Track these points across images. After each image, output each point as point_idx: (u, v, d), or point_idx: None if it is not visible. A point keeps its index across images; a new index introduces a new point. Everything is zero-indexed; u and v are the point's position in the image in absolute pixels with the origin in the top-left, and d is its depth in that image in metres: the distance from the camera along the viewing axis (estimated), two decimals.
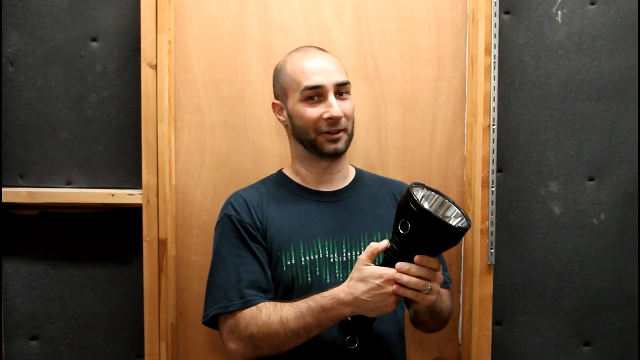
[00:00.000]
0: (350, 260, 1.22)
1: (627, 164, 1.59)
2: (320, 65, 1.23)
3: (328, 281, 1.20)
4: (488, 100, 1.51)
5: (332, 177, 1.28)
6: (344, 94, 1.23)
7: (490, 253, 1.53)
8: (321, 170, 1.27)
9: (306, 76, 1.21)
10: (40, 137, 1.51)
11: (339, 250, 1.22)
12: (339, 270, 1.21)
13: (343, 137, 1.23)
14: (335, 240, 1.22)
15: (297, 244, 1.20)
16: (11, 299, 1.53)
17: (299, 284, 1.19)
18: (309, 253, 1.20)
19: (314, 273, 1.20)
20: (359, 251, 1.22)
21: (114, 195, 1.48)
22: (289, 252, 1.20)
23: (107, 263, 1.54)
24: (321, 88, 1.20)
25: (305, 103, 1.21)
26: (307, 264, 1.20)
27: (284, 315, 1.11)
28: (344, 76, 1.24)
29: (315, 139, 1.22)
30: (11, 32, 1.50)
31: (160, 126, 1.46)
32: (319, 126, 1.21)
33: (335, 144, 1.22)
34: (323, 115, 1.20)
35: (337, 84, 1.21)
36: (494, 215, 1.53)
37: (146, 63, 1.46)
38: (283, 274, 1.19)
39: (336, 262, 1.21)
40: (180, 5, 1.50)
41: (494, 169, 1.52)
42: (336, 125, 1.21)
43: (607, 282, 1.60)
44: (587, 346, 1.61)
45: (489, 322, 1.53)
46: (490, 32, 1.50)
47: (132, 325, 1.53)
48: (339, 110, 1.20)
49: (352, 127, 1.26)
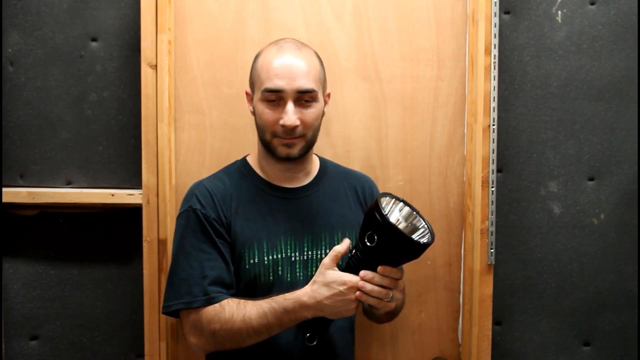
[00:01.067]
0: (311, 259, 1.24)
1: (627, 164, 1.59)
2: (286, 67, 1.18)
3: (289, 279, 1.22)
4: (488, 100, 1.51)
5: (295, 176, 1.29)
6: (309, 101, 1.19)
7: (490, 253, 1.53)
8: (283, 169, 1.27)
9: (269, 77, 1.18)
10: (40, 137, 1.51)
11: (301, 249, 1.24)
12: (299, 269, 1.23)
13: (299, 143, 1.21)
14: (297, 239, 1.24)
15: (261, 243, 1.22)
16: (11, 299, 1.53)
17: (261, 283, 1.21)
18: (272, 252, 1.22)
19: (276, 272, 1.22)
20: (320, 250, 1.25)
21: (114, 195, 1.48)
22: (253, 251, 1.21)
23: (107, 263, 1.54)
24: (281, 92, 1.18)
25: (265, 104, 1.20)
26: (269, 264, 1.21)
27: (247, 314, 1.14)
28: (309, 83, 1.18)
29: (270, 142, 1.21)
30: (11, 32, 1.50)
31: (160, 126, 1.46)
32: (275, 130, 1.20)
33: (288, 149, 1.21)
34: (279, 121, 1.18)
35: (298, 91, 1.18)
36: (494, 215, 1.53)
37: (146, 63, 1.46)
38: (245, 271, 1.21)
39: (297, 260, 1.23)
40: (180, 5, 1.50)
41: (494, 169, 1.52)
42: (291, 134, 1.19)
43: (607, 282, 1.60)
44: (587, 346, 1.61)
45: (489, 322, 1.53)
46: (490, 32, 1.50)
47: (132, 325, 1.53)
48: (293, 119, 1.17)
49: (314, 133, 1.23)
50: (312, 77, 1.20)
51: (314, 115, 1.21)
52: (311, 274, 1.22)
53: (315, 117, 1.21)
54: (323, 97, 1.26)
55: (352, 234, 1.27)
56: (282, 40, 1.26)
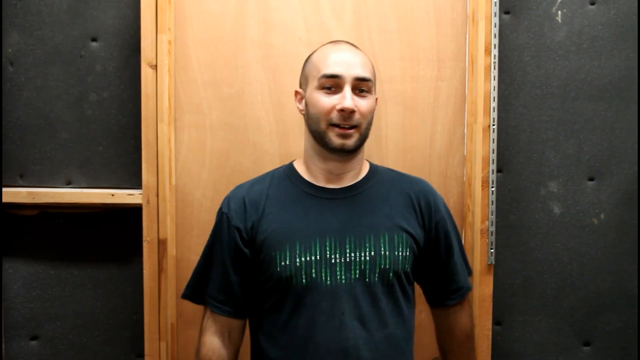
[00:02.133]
0: (354, 260, 1.16)
1: (627, 164, 1.59)
2: (344, 57, 1.18)
3: (328, 283, 1.15)
4: (488, 100, 1.51)
5: (342, 176, 1.23)
6: (364, 91, 1.18)
7: (490, 253, 1.53)
8: (332, 167, 1.22)
9: (327, 64, 1.18)
10: (40, 137, 1.51)
11: (342, 251, 1.16)
12: (340, 272, 1.16)
13: (354, 134, 1.17)
14: (338, 240, 1.17)
15: (294, 244, 1.16)
16: (11, 299, 1.53)
17: (293, 285, 1.16)
18: (305, 254, 1.16)
19: (309, 275, 1.15)
20: (364, 252, 1.17)
21: (114, 195, 1.48)
22: (284, 253, 1.16)
23: (107, 263, 1.54)
24: (338, 78, 1.16)
25: (322, 91, 1.17)
26: (302, 265, 1.15)
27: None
28: (366, 72, 1.18)
29: (326, 131, 1.17)
30: (11, 32, 1.50)
31: (160, 126, 1.46)
32: (331, 117, 1.16)
33: (344, 140, 1.16)
34: (336, 107, 1.15)
35: (356, 78, 1.16)
36: (494, 215, 1.53)
37: (146, 63, 1.46)
38: (276, 274, 1.16)
39: (338, 262, 1.16)
40: (180, 5, 1.50)
41: (494, 169, 1.52)
42: (348, 120, 1.15)
43: (607, 282, 1.60)
44: (587, 346, 1.61)
45: (489, 322, 1.53)
46: (490, 32, 1.50)
47: (132, 325, 1.53)
48: (351, 103, 1.14)
49: (367, 127, 1.20)
50: (369, 69, 1.20)
51: (369, 105, 1.19)
52: (354, 277, 1.15)
53: (370, 108, 1.19)
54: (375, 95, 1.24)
55: (400, 236, 1.19)
56: (337, 40, 1.28)
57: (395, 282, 1.18)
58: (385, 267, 1.16)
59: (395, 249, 1.18)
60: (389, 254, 1.17)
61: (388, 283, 1.18)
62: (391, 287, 1.18)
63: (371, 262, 1.16)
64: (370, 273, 1.16)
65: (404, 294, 1.21)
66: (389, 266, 1.17)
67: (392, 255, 1.17)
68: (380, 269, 1.16)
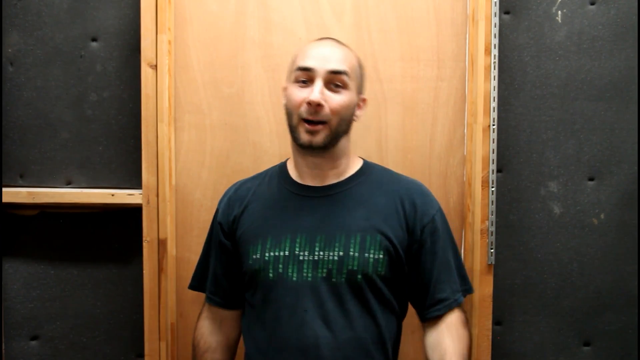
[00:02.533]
0: (322, 260, 1.15)
1: (627, 164, 1.59)
2: (321, 51, 1.17)
3: (294, 279, 1.15)
4: (488, 100, 1.51)
5: (325, 173, 1.22)
6: (340, 86, 1.15)
7: (490, 253, 1.53)
8: (312, 165, 1.21)
9: (302, 57, 1.17)
10: (40, 137, 1.51)
11: (311, 249, 1.16)
12: (307, 269, 1.15)
13: (323, 131, 1.14)
14: (308, 238, 1.16)
15: (265, 239, 1.18)
16: (11, 299, 1.53)
17: (262, 279, 1.18)
18: (275, 249, 1.17)
19: (276, 269, 1.16)
20: (333, 252, 1.15)
21: (114, 195, 1.48)
22: (256, 247, 1.19)
23: (107, 263, 1.54)
24: (311, 71, 1.14)
25: (296, 85, 1.16)
26: (270, 260, 1.17)
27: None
28: (342, 66, 1.15)
29: (297, 126, 1.16)
30: (11, 32, 1.50)
31: (160, 126, 1.46)
32: (301, 111, 1.14)
33: (311, 136, 1.14)
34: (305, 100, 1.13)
35: (329, 72, 1.14)
36: (494, 215, 1.53)
37: (146, 63, 1.46)
38: (249, 267, 1.21)
39: (306, 260, 1.15)
40: (180, 5, 1.50)
41: (494, 169, 1.52)
42: (315, 115, 1.13)
43: (607, 282, 1.60)
44: (587, 346, 1.61)
45: (489, 322, 1.53)
46: (490, 32, 1.50)
47: (132, 325, 1.53)
48: (318, 96, 1.11)
49: (340, 124, 1.16)
50: (347, 64, 1.17)
51: (342, 101, 1.15)
52: (320, 276, 1.15)
53: (343, 104, 1.15)
54: (356, 93, 1.20)
55: (374, 238, 1.16)
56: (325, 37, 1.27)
57: (364, 285, 1.15)
58: (352, 268, 1.14)
59: (365, 250, 1.15)
60: (358, 255, 1.15)
61: (356, 285, 1.15)
62: (360, 290, 1.15)
63: (339, 262, 1.15)
64: (337, 273, 1.15)
65: (377, 297, 1.17)
66: (356, 268, 1.14)
67: (362, 257, 1.15)
68: (348, 270, 1.14)
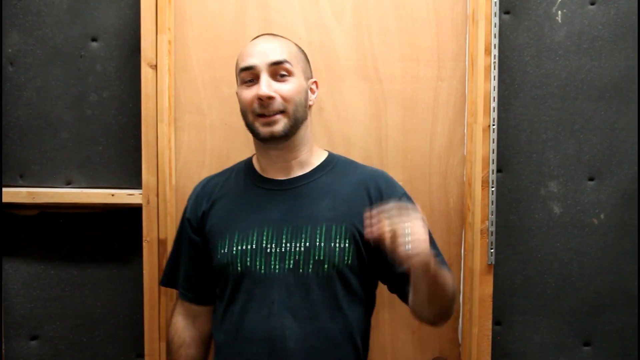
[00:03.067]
0: (289, 251, 1.16)
1: (627, 164, 1.59)
2: (258, 47, 1.19)
3: (262, 271, 1.16)
4: (488, 100, 1.51)
5: (288, 165, 1.23)
6: (285, 75, 1.17)
7: (490, 253, 1.53)
8: (274, 158, 1.23)
9: (243, 59, 1.20)
10: (40, 137, 1.51)
11: (278, 241, 1.17)
12: (274, 261, 1.16)
13: (281, 120, 1.16)
14: (275, 231, 1.18)
15: (233, 233, 1.20)
16: (11, 299, 1.53)
17: (230, 273, 1.20)
18: (242, 243, 1.18)
19: (244, 263, 1.17)
20: (299, 243, 1.16)
21: (114, 195, 1.48)
22: (224, 241, 1.20)
23: (107, 263, 1.54)
24: (253, 69, 1.17)
25: (243, 86, 1.20)
26: (238, 254, 1.18)
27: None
28: (281, 56, 1.17)
29: (253, 122, 1.19)
30: (11, 32, 1.50)
31: (160, 126, 1.46)
32: (254, 108, 1.16)
33: (270, 127, 1.16)
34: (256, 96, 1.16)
35: (270, 64, 1.16)
36: (494, 215, 1.53)
37: (146, 63, 1.46)
38: (217, 262, 1.22)
39: (273, 252, 1.17)
40: (180, 5, 1.50)
41: (494, 169, 1.52)
42: (269, 107, 1.15)
43: (607, 282, 1.60)
44: (587, 346, 1.61)
45: (489, 322, 1.53)
46: (490, 32, 1.50)
47: (132, 325, 1.53)
48: (265, 90, 1.14)
49: (297, 110, 1.18)
50: (286, 52, 1.19)
51: (292, 88, 1.17)
52: (288, 267, 1.16)
53: (293, 90, 1.17)
54: (304, 78, 1.23)
55: (339, 227, 1.17)
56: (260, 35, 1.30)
57: (333, 275, 1.16)
58: (319, 258, 1.16)
59: (332, 240, 1.16)
60: (324, 245, 1.16)
61: (324, 275, 1.16)
62: (328, 280, 1.16)
63: (305, 253, 1.16)
64: (304, 264, 1.16)
65: (345, 288, 1.18)
66: (323, 257, 1.16)
67: (328, 247, 1.16)
68: (315, 260, 1.16)
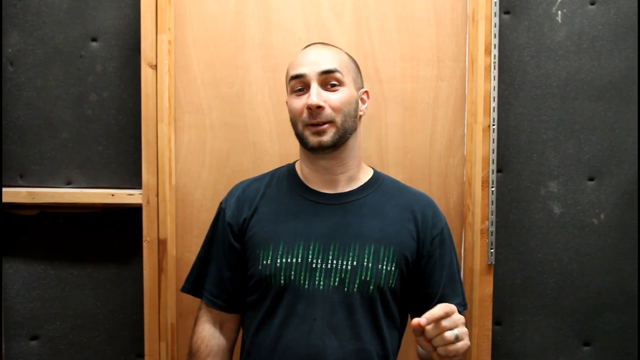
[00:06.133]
0: (335, 268, 1.14)
1: (627, 164, 1.59)
2: (309, 56, 1.18)
3: (306, 287, 1.14)
4: (488, 100, 1.51)
5: (336, 179, 1.21)
6: (335, 85, 1.16)
7: (490, 253, 1.53)
8: (321, 170, 1.21)
9: (293, 67, 1.18)
10: (40, 137, 1.51)
11: (325, 257, 1.15)
12: (319, 277, 1.14)
13: (329, 130, 1.14)
14: (322, 246, 1.15)
15: (277, 245, 1.16)
16: (11, 299, 1.53)
17: (272, 285, 1.16)
18: (287, 255, 1.15)
19: (288, 276, 1.14)
20: (346, 261, 1.14)
21: (114, 195, 1.48)
22: (267, 252, 1.16)
23: (107, 263, 1.54)
24: (304, 77, 1.15)
25: (293, 95, 1.18)
26: (282, 266, 1.15)
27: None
28: (332, 65, 1.16)
29: (303, 132, 1.17)
30: (11, 32, 1.50)
31: (160, 126, 1.46)
32: (304, 117, 1.15)
33: (319, 137, 1.14)
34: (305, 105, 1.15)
35: (321, 73, 1.15)
36: (494, 215, 1.53)
37: (146, 63, 1.46)
38: (258, 272, 1.17)
39: (319, 268, 1.14)
40: (180, 5, 1.50)
41: (494, 169, 1.52)
42: (318, 117, 1.13)
43: (607, 282, 1.60)
44: (587, 346, 1.61)
45: (489, 322, 1.53)
46: (490, 32, 1.50)
47: (132, 325, 1.53)
48: (315, 99, 1.12)
49: (346, 120, 1.16)
50: (337, 62, 1.17)
51: (342, 98, 1.15)
52: (333, 285, 1.13)
53: (343, 100, 1.15)
54: (355, 87, 1.21)
55: (388, 250, 1.16)
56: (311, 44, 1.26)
57: (377, 296, 1.15)
58: (366, 278, 1.14)
59: (379, 262, 1.15)
60: (372, 266, 1.14)
61: (368, 296, 1.14)
62: (371, 301, 1.15)
63: (352, 272, 1.14)
64: (350, 283, 1.14)
65: (385, 311, 1.17)
66: (369, 278, 1.14)
67: (375, 268, 1.14)
68: (361, 280, 1.14)
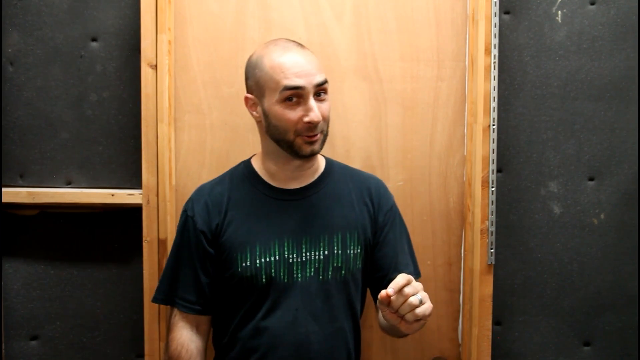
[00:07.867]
0: (309, 260, 1.23)
1: (627, 164, 1.59)
2: (300, 64, 1.18)
3: (285, 281, 1.22)
4: (488, 100, 1.51)
5: (304, 173, 1.28)
6: (322, 94, 1.20)
7: (490, 253, 1.53)
8: (293, 168, 1.26)
9: (286, 76, 1.16)
10: (40, 137, 1.51)
11: (299, 251, 1.23)
12: (296, 270, 1.23)
13: (320, 138, 1.21)
14: (294, 241, 1.23)
15: (254, 246, 1.22)
16: (11, 299, 1.53)
17: (254, 284, 1.22)
18: (265, 255, 1.22)
19: (269, 275, 1.22)
20: (318, 252, 1.24)
21: (114, 195, 1.48)
22: (245, 254, 1.22)
23: (107, 263, 1.54)
24: (301, 90, 1.16)
25: (284, 104, 1.17)
26: (262, 266, 1.22)
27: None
28: (323, 75, 1.20)
29: (293, 141, 1.19)
30: (11, 32, 1.50)
31: (160, 126, 1.46)
32: (298, 129, 1.18)
33: (312, 146, 1.20)
34: (303, 119, 1.17)
35: (316, 85, 1.18)
36: (494, 215, 1.53)
37: (146, 63, 1.46)
38: (238, 274, 1.22)
39: (295, 262, 1.22)
40: (180, 5, 1.50)
41: (494, 169, 1.52)
42: (314, 130, 1.18)
43: (607, 282, 1.60)
44: (587, 346, 1.61)
45: (489, 322, 1.53)
46: (490, 32, 1.50)
47: (132, 325, 1.53)
48: (319, 115, 1.17)
49: (328, 126, 1.23)
50: (322, 69, 1.22)
51: (329, 107, 1.22)
52: (309, 275, 1.23)
53: (329, 109, 1.23)
54: None
55: (353, 235, 1.26)
56: (278, 40, 1.25)
57: (349, 279, 1.26)
58: (337, 265, 1.24)
59: (347, 247, 1.25)
60: (341, 252, 1.25)
61: (341, 280, 1.25)
62: (345, 284, 1.26)
63: (325, 261, 1.24)
64: (324, 271, 1.24)
65: (356, 289, 1.29)
66: (341, 264, 1.24)
67: (344, 254, 1.25)
68: (334, 267, 1.24)
